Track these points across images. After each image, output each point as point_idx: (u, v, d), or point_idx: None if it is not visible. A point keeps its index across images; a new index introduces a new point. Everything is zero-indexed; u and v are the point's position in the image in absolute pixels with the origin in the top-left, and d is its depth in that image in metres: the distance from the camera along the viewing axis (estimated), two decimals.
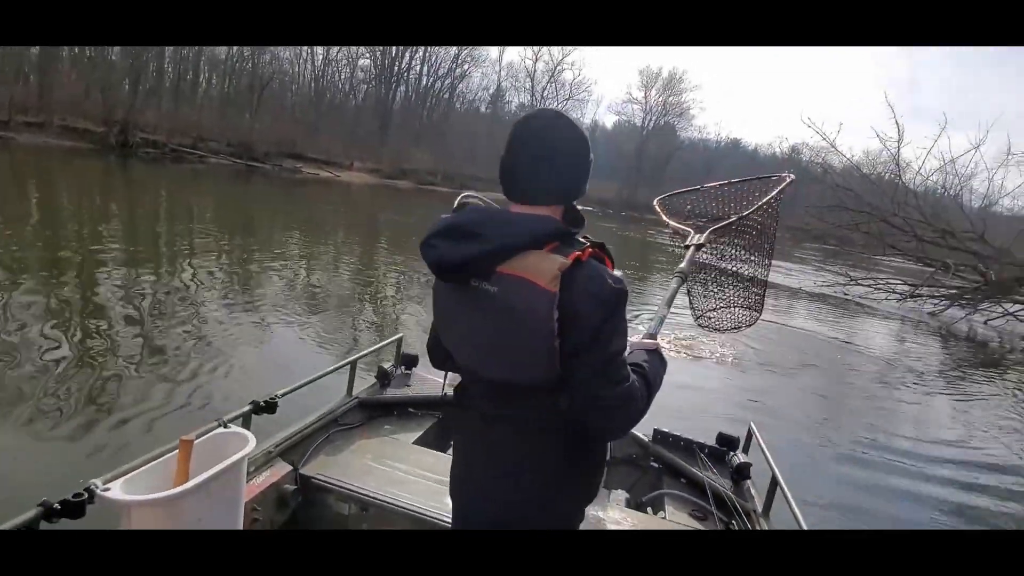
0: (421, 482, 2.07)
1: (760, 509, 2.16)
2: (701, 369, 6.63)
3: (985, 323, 12.86)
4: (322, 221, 16.46)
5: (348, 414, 2.49)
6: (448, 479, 2.07)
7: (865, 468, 4.50)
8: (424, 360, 2.35)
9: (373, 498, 1.94)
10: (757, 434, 2.43)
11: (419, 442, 2.47)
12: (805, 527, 1.71)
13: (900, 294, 14.12)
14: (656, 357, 1.22)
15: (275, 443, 2.03)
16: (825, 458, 4.58)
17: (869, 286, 14.61)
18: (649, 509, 2.27)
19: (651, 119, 56.26)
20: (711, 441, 2.59)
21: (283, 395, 1.91)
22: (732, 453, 2.48)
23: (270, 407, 1.82)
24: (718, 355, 7.21)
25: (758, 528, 2.07)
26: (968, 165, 23.56)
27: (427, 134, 45.83)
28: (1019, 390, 8.15)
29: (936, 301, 13.76)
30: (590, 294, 1.00)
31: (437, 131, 46.45)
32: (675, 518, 2.17)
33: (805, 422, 5.38)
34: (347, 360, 2.55)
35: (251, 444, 1.46)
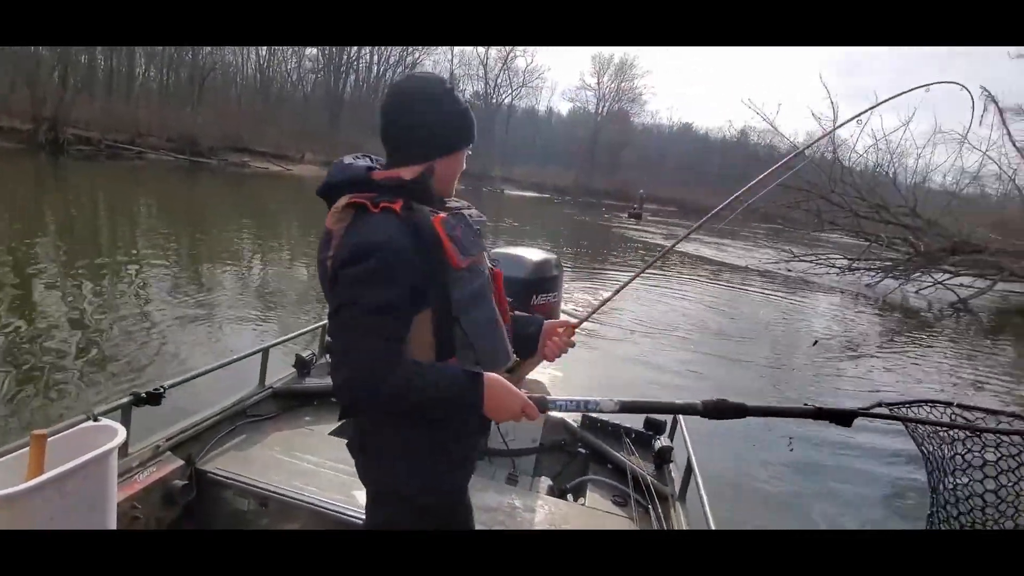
0: (330, 474, 1.99)
1: (677, 493, 2.18)
2: (641, 348, 6.78)
3: (916, 292, 13.56)
4: (274, 216, 16.04)
5: (259, 405, 2.38)
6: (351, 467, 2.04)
7: (797, 441, 4.61)
8: None
9: (273, 492, 1.86)
10: (681, 418, 2.42)
11: (337, 432, 2.38)
12: (709, 513, 1.75)
13: (839, 268, 14.73)
14: (464, 384, 1.04)
15: (166, 437, 1.93)
16: (759, 435, 4.65)
17: (811, 262, 15.18)
18: (570, 496, 2.28)
19: (604, 105, 56.74)
20: (639, 426, 2.57)
21: (171, 386, 1.83)
22: (658, 438, 2.48)
23: (153, 398, 1.74)
24: (659, 332, 7.39)
25: (672, 512, 2.11)
26: (900, 143, 24.53)
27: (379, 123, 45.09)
28: (945, 355, 8.66)
29: (872, 273, 14.42)
30: (345, 239, 1.05)
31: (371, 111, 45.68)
32: (596, 504, 2.18)
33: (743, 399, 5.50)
34: (259, 348, 2.41)
35: (120, 437, 1.41)
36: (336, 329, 1.05)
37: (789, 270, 15.03)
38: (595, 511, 2.13)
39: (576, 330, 1.39)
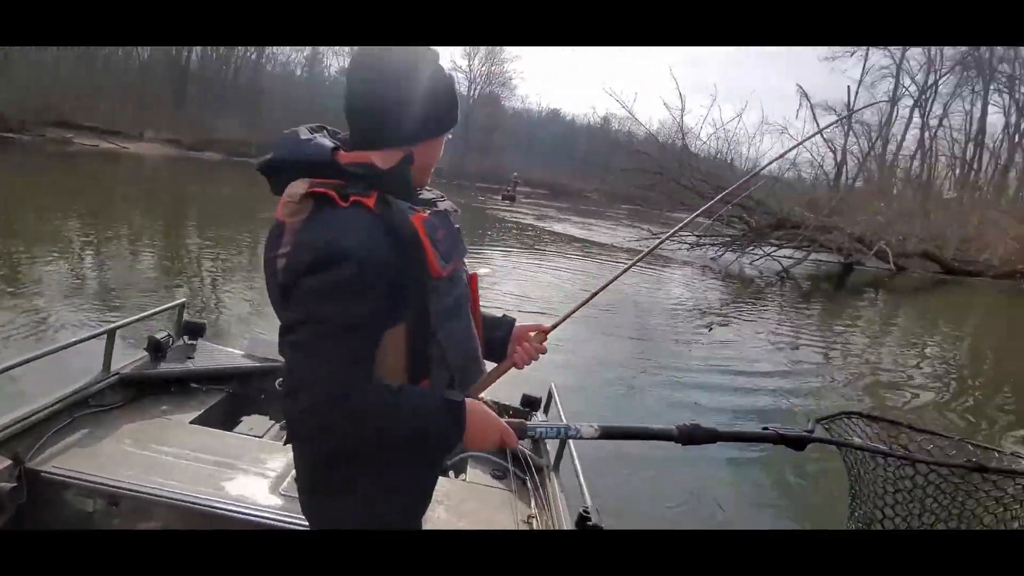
0: (193, 465, 1.82)
1: (552, 465, 2.24)
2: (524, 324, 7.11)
3: (750, 263, 15.56)
4: (109, 198, 14.20)
5: (104, 393, 2.10)
6: (233, 459, 1.84)
7: (659, 403, 5.00)
8: (215, 329, 2.17)
9: (126, 490, 1.66)
10: (556, 394, 2.44)
11: (199, 421, 2.19)
12: (583, 482, 1.83)
13: (689, 244, 16.42)
14: (446, 416, 0.94)
15: None
16: (621, 403, 5.01)
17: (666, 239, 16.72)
18: (452, 472, 2.31)
19: (476, 88, 56.93)
20: (517, 403, 2.57)
21: None
22: (534, 414, 2.49)
23: None
24: (539, 308, 7.81)
25: (548, 482, 2.17)
26: (735, 132, 27.73)
27: (235, 100, 41.31)
28: (776, 313, 10.11)
29: (715, 248, 16.26)
30: (307, 238, 0.90)
31: (247, 97, 42.07)
32: (477, 479, 2.21)
33: (607, 374, 5.68)
34: (102, 329, 2.12)
35: None
36: (292, 348, 0.89)
37: (648, 247, 16.42)
38: (476, 485, 2.16)
39: (548, 335, 1.27)
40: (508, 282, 8.74)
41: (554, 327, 1.27)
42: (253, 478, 1.83)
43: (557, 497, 2.05)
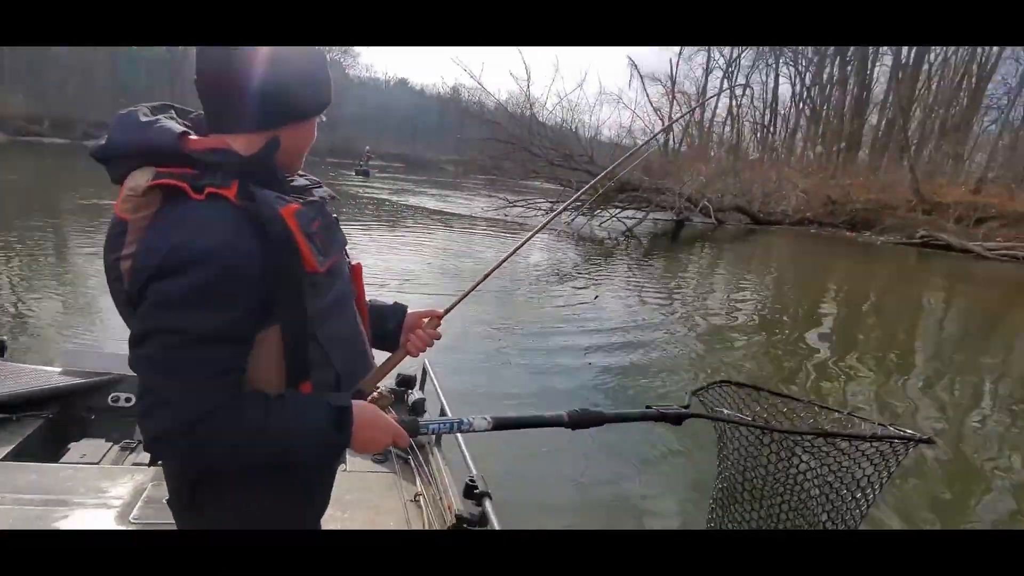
0: (15, 509, 1.56)
1: (433, 440, 2.24)
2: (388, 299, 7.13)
3: (600, 225, 16.86)
4: None
5: None
6: (65, 494, 1.63)
7: (531, 372, 5.13)
8: (19, 345, 1.84)
9: None
10: (431, 371, 2.40)
11: (13, 456, 1.90)
12: (467, 454, 1.82)
13: (544, 210, 17.30)
14: (329, 424, 0.87)
15: None
16: (496, 373, 5.11)
17: (523, 207, 17.46)
18: None
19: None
20: (392, 384, 2.51)
21: None
22: (410, 392, 2.46)
23: None
24: (405, 281, 7.87)
25: (431, 458, 2.15)
26: (577, 102, 29.32)
27: (16, 70, 34.42)
28: (624, 268, 11.17)
29: (568, 213, 17.33)
30: (155, 238, 0.79)
31: (32, 67, 35.23)
32: (357, 467, 2.13)
33: (478, 346, 5.69)
34: None
35: None
36: (147, 363, 0.79)
37: (506, 215, 17.05)
38: (358, 473, 2.10)
39: (442, 320, 1.23)
40: (372, 261, 8.65)
41: (447, 311, 1.23)
42: (94, 511, 1.64)
43: (442, 471, 2.06)
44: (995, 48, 26.09)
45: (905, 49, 27.44)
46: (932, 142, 26.66)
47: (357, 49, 55.69)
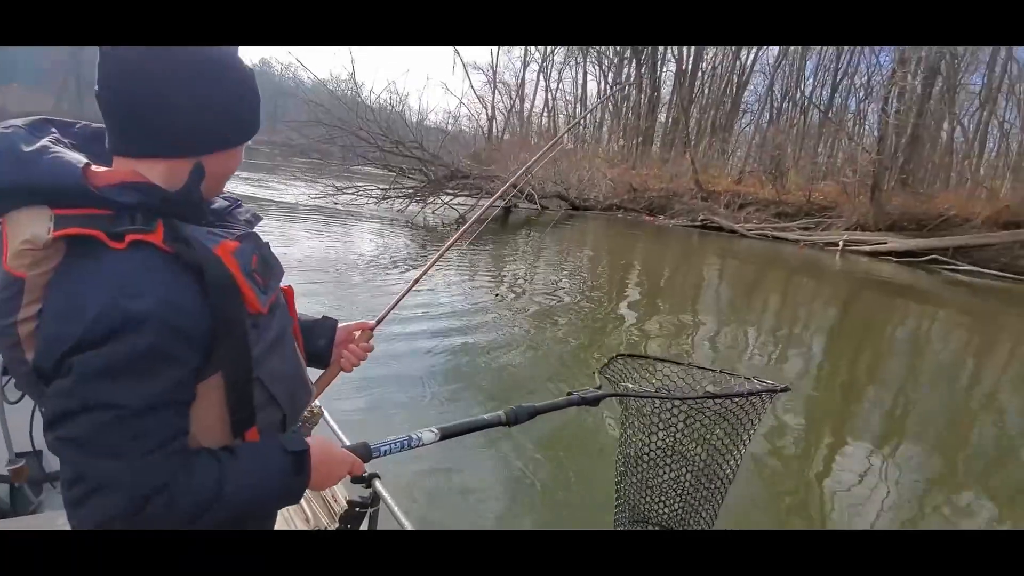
0: None
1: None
2: None
3: (432, 212, 17.11)
4: None
5: None
6: None
7: (375, 361, 5.39)
8: None
9: None
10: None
11: None
12: (339, 431, 1.84)
13: (375, 198, 17.02)
14: (288, 474, 0.81)
15: None
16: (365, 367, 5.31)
17: (353, 194, 16.95)
18: None
19: None
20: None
21: None
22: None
23: None
24: None
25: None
26: (405, 88, 28.99)
27: None
28: (459, 254, 11.58)
29: (400, 200, 17.28)
30: (68, 302, 0.67)
31: None
32: None
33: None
34: None
35: None
36: (73, 446, 0.68)
37: (336, 203, 16.41)
38: None
39: (374, 332, 1.22)
40: None
41: (378, 323, 1.22)
42: None
43: None
44: (749, 61, 31.76)
45: (685, 56, 32.02)
46: (706, 139, 31.59)
47: None
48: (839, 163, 23.33)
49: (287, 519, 1.88)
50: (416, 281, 1.43)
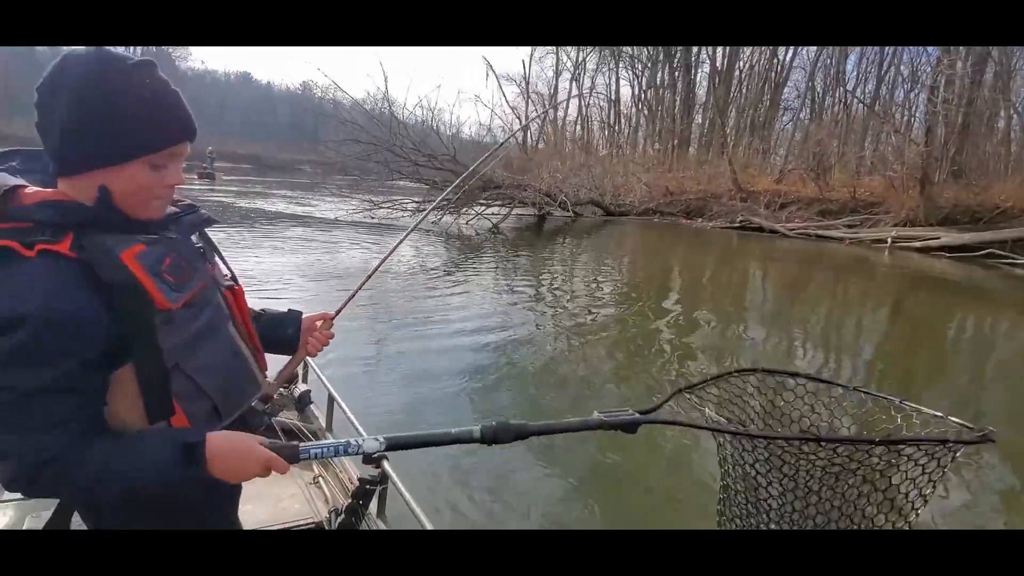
0: None
1: (324, 426, 2.33)
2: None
3: (466, 223, 17.34)
4: None
5: None
6: None
7: (411, 360, 5.37)
8: None
9: None
10: (312, 363, 2.43)
11: None
12: (359, 425, 1.90)
13: (410, 211, 17.39)
14: (175, 460, 0.86)
15: None
16: (381, 360, 5.36)
17: (389, 208, 17.38)
18: None
19: (135, 48, 47.47)
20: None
21: None
22: (295, 387, 2.49)
23: None
24: (273, 286, 7.65)
25: (322, 441, 2.28)
26: (436, 102, 29.69)
27: None
28: (492, 265, 11.70)
29: (436, 212, 17.57)
30: None
31: None
32: None
33: (360, 340, 5.76)
34: None
35: None
36: None
37: (373, 217, 16.85)
38: None
39: (334, 320, 1.35)
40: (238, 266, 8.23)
41: (338, 312, 1.34)
42: None
43: None
44: (787, 58, 30.98)
45: (720, 56, 31.50)
46: (745, 139, 30.91)
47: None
48: (887, 157, 22.43)
49: (308, 498, 1.98)
50: (373, 272, 1.55)
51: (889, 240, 17.07)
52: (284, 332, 1.26)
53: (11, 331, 0.76)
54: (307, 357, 1.38)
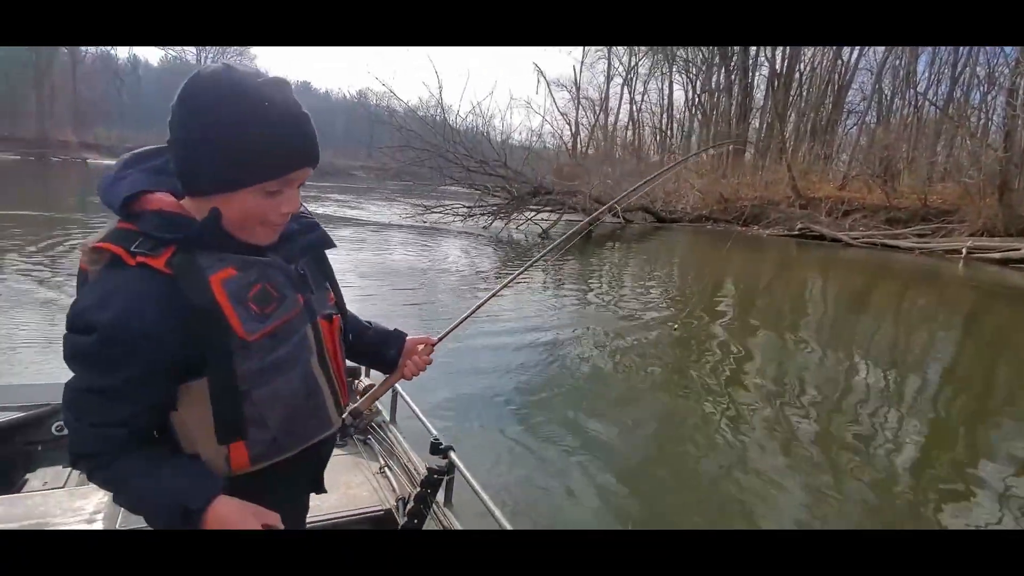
0: None
1: (389, 419, 2.39)
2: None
3: (516, 228, 17.40)
4: None
5: None
6: (45, 517, 1.64)
7: (463, 356, 5.41)
8: None
9: None
10: None
11: None
12: (424, 417, 1.89)
13: (461, 216, 17.60)
14: (174, 514, 0.86)
15: None
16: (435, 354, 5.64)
17: (440, 212, 17.65)
18: None
19: (206, 56, 50.09)
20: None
21: None
22: (359, 380, 2.53)
23: None
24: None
25: (390, 432, 2.24)
26: (488, 108, 29.99)
27: None
28: (542, 271, 11.70)
29: (485, 217, 17.74)
30: (79, 296, 0.86)
31: None
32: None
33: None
34: None
35: None
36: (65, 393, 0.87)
37: (424, 221, 17.16)
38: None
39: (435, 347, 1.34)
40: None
41: (440, 340, 1.33)
42: (78, 526, 1.66)
43: (401, 442, 2.20)
44: (852, 59, 29.66)
45: (779, 58, 30.49)
46: (805, 143, 29.75)
47: (254, 50, 53.08)
48: (961, 162, 21.09)
49: (376, 487, 2.02)
50: (478, 307, 1.47)
51: (964, 251, 16.03)
52: (386, 353, 1.25)
53: (82, 334, 0.82)
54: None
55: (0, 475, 2.08)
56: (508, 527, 1.40)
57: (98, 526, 1.65)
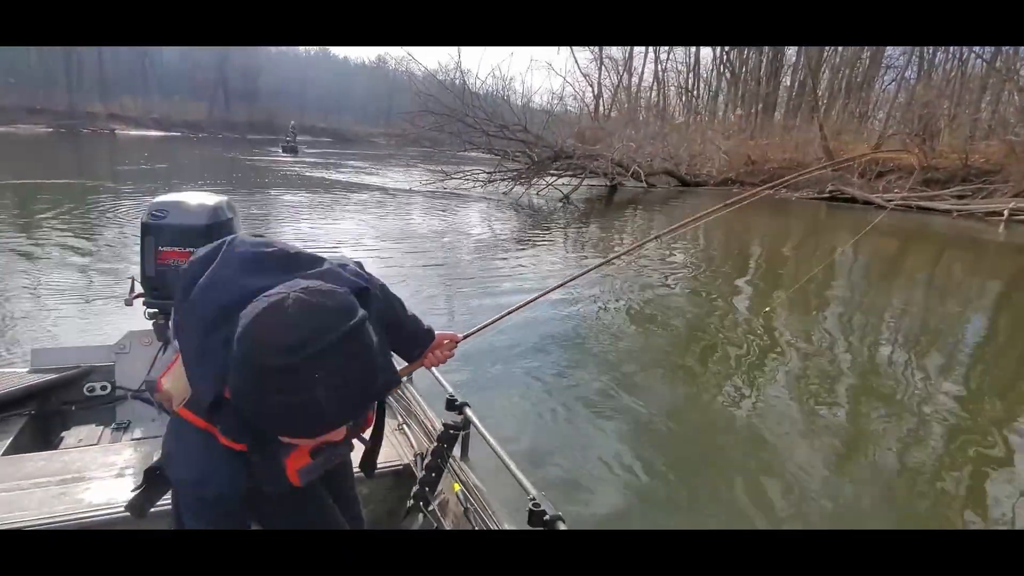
0: (38, 492, 1.62)
1: (406, 378, 2.41)
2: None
3: (537, 193, 17.19)
4: None
5: None
6: (82, 471, 1.74)
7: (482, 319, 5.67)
8: None
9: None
10: None
11: (12, 450, 1.96)
12: (439, 375, 1.82)
13: (482, 181, 17.43)
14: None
15: None
16: (454, 315, 5.55)
17: (460, 178, 17.51)
18: None
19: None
20: None
21: None
22: None
23: None
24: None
25: (407, 390, 2.26)
26: (509, 71, 29.28)
27: None
28: (563, 235, 11.56)
29: (505, 183, 17.55)
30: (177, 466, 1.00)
31: None
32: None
33: (438, 303, 5.94)
34: None
35: None
36: None
37: (445, 187, 17.05)
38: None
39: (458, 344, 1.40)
40: (328, 234, 8.62)
41: (465, 338, 1.40)
42: (115, 482, 1.72)
43: (418, 400, 2.23)
44: None
45: None
46: (839, 101, 28.53)
47: None
48: (1007, 119, 20.01)
49: (394, 443, 2.06)
50: (509, 312, 1.51)
51: (1006, 213, 15.34)
52: (413, 351, 1.34)
53: (181, 485, 0.97)
54: None
55: (40, 433, 2.20)
56: (522, 479, 1.42)
57: (127, 482, 1.73)
